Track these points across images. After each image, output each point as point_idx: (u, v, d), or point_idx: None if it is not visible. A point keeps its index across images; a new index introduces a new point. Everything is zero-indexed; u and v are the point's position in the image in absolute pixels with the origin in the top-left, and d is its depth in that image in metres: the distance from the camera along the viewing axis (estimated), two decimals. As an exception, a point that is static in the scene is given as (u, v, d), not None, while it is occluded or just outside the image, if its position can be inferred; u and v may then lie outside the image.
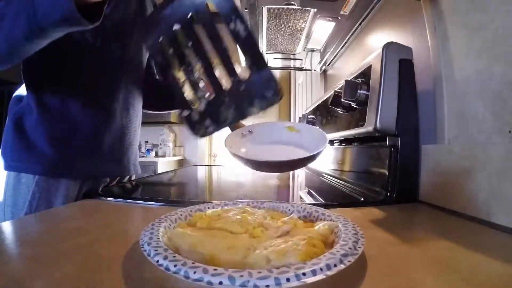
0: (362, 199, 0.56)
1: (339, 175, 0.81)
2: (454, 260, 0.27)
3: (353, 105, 0.63)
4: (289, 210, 0.37)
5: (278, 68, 1.46)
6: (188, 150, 3.49)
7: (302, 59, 1.34)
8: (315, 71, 1.48)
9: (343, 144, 0.83)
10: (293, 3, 0.79)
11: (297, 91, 2.77)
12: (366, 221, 0.40)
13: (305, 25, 0.92)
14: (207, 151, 3.52)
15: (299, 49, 1.16)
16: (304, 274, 0.19)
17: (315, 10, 0.82)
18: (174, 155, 3.34)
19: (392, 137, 0.54)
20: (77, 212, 0.48)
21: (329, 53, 1.19)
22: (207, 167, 1.73)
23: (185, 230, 0.28)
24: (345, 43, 1.07)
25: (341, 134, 0.73)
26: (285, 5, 0.80)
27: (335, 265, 0.20)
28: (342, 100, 0.63)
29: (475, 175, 0.40)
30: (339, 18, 0.88)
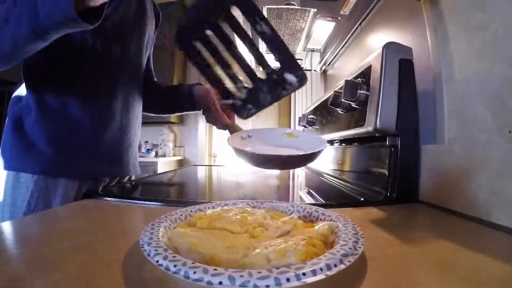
0: (362, 199, 0.56)
1: (339, 175, 0.81)
2: (454, 260, 0.27)
3: (353, 105, 0.63)
4: (289, 210, 0.37)
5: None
6: (188, 150, 3.49)
7: (302, 59, 1.34)
8: (315, 71, 1.48)
9: (343, 144, 0.83)
10: (293, 3, 0.79)
11: (297, 91, 2.77)
12: (366, 221, 0.40)
13: (305, 25, 0.93)
14: (207, 151, 3.51)
15: (299, 49, 1.16)
16: (304, 274, 0.19)
17: (315, 10, 0.83)
18: (174, 155, 3.33)
19: (392, 137, 0.54)
20: (77, 212, 0.48)
21: (329, 53, 1.19)
22: (207, 167, 1.73)
23: (185, 230, 0.28)
24: (345, 43, 1.07)
25: (341, 134, 0.73)
26: (285, 5, 0.80)
27: (335, 265, 0.20)
28: (342, 100, 0.63)
29: (475, 175, 0.40)
30: (339, 18, 0.88)
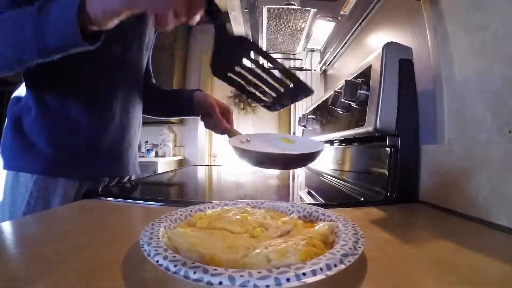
0: (362, 199, 0.56)
1: (339, 175, 0.81)
2: (454, 260, 0.27)
3: (353, 105, 0.63)
4: (289, 210, 0.37)
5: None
6: (188, 150, 3.49)
7: (302, 59, 1.33)
8: (315, 71, 1.48)
9: (343, 144, 0.83)
10: (293, 3, 0.79)
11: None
12: (366, 221, 0.40)
13: (305, 25, 0.92)
14: (207, 151, 3.52)
15: (299, 49, 1.16)
16: (304, 274, 0.19)
17: (315, 10, 0.82)
18: (174, 155, 3.34)
19: (392, 137, 0.54)
20: (77, 212, 0.48)
21: (329, 53, 1.19)
22: (207, 167, 1.73)
23: (185, 230, 0.28)
24: (345, 43, 1.07)
25: (341, 134, 0.73)
26: (285, 5, 0.80)
27: (335, 265, 0.20)
28: (342, 100, 0.63)
29: (475, 175, 0.40)
30: (339, 18, 0.88)
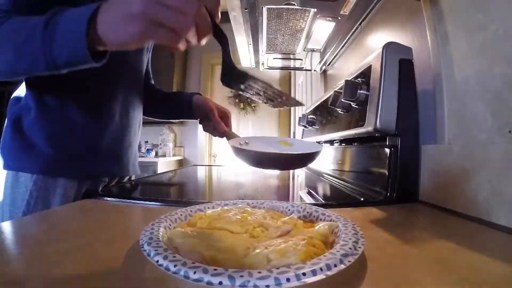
0: (362, 199, 0.56)
1: (339, 175, 0.81)
2: (454, 260, 0.27)
3: (353, 105, 0.63)
4: (289, 210, 0.37)
5: (278, 68, 1.46)
6: (188, 150, 3.49)
7: (302, 59, 1.33)
8: (315, 71, 1.47)
9: (343, 144, 0.83)
10: (293, 3, 0.79)
11: (297, 91, 2.77)
12: (366, 221, 0.40)
13: (305, 25, 0.92)
14: (207, 151, 3.52)
15: (299, 49, 1.15)
16: (304, 274, 0.19)
17: (315, 10, 0.82)
18: (174, 155, 3.34)
19: (392, 137, 0.54)
20: (77, 212, 0.48)
21: (329, 53, 1.19)
22: (207, 167, 1.73)
23: (185, 230, 0.28)
24: (345, 43, 1.07)
25: (341, 134, 0.73)
26: (285, 5, 0.80)
27: (335, 265, 0.20)
28: (342, 100, 0.63)
29: (475, 175, 0.40)
30: (339, 18, 0.88)
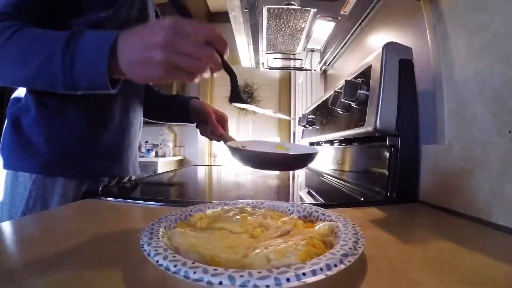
0: (362, 199, 0.56)
1: (339, 175, 0.81)
2: (454, 260, 0.27)
3: (353, 105, 0.63)
4: (289, 210, 0.37)
5: (278, 68, 1.46)
6: (188, 150, 3.49)
7: (302, 59, 1.33)
8: (315, 71, 1.47)
9: (343, 144, 0.83)
10: (293, 3, 0.79)
11: (297, 91, 2.78)
12: (366, 221, 0.40)
13: (305, 25, 0.92)
14: (207, 151, 3.52)
15: (299, 49, 1.15)
16: (304, 274, 0.19)
17: (315, 10, 0.82)
18: (174, 155, 3.34)
19: (392, 137, 0.54)
20: (77, 212, 0.48)
21: (329, 53, 1.19)
22: (207, 167, 1.73)
23: (185, 230, 0.28)
24: (345, 43, 1.07)
25: (341, 134, 0.73)
26: (285, 5, 0.80)
27: (335, 265, 0.20)
28: (342, 100, 0.63)
29: (475, 175, 0.40)
30: (339, 18, 0.88)
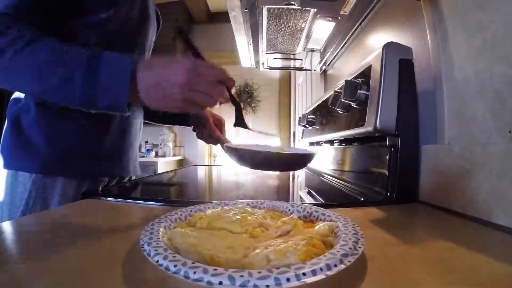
0: (362, 199, 0.56)
1: (339, 175, 0.81)
2: (454, 260, 0.27)
3: (353, 105, 0.63)
4: (289, 210, 0.37)
5: (278, 68, 1.46)
6: (188, 150, 3.49)
7: (302, 59, 1.33)
8: (315, 71, 1.47)
9: (343, 144, 0.83)
10: (293, 3, 0.79)
11: (297, 91, 2.77)
12: (366, 221, 0.40)
13: (305, 25, 0.92)
14: (207, 151, 3.52)
15: (299, 49, 1.15)
16: (304, 274, 0.19)
17: (315, 10, 0.82)
18: (174, 155, 3.34)
19: (392, 137, 0.54)
20: (77, 212, 0.48)
21: (329, 53, 1.19)
22: (207, 167, 1.73)
23: (185, 230, 0.28)
24: (345, 43, 1.07)
25: (341, 134, 0.73)
26: (285, 5, 0.80)
27: (335, 265, 0.20)
28: (342, 100, 0.63)
29: (475, 175, 0.40)
30: (339, 18, 0.88)
